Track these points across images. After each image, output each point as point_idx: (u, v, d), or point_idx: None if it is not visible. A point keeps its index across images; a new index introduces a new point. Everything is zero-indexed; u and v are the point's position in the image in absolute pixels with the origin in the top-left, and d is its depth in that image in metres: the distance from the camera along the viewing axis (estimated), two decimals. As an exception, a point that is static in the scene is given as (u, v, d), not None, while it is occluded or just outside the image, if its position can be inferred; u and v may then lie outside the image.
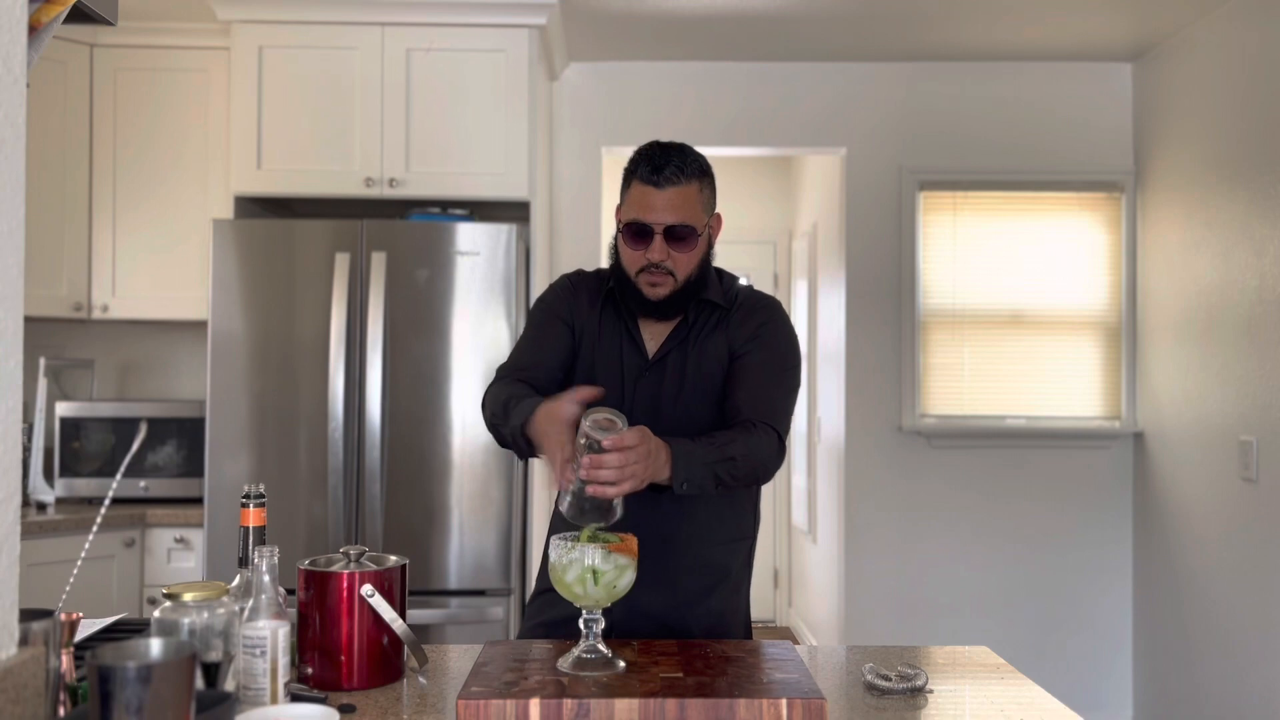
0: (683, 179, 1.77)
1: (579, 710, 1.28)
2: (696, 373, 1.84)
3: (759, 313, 1.89)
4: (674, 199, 1.77)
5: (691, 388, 1.83)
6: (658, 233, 1.76)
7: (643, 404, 1.82)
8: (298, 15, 3.35)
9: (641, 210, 1.77)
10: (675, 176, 1.77)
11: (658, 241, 1.76)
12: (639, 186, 1.78)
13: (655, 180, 1.77)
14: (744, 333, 1.85)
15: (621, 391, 1.84)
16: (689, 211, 1.78)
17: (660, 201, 1.76)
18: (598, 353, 1.88)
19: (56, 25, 1.26)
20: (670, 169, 1.77)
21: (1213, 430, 3.49)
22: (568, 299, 1.92)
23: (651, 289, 1.80)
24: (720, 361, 1.85)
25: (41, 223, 3.47)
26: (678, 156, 1.79)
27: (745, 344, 1.85)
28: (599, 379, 1.84)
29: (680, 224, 1.76)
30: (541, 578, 1.93)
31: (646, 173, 1.78)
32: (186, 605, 1.23)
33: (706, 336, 1.86)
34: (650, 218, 1.76)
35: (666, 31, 3.77)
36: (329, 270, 3.16)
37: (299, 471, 3.16)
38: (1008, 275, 4.11)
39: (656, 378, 1.85)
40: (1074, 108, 4.11)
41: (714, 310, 1.87)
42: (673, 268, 1.78)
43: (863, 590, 4.12)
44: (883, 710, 1.39)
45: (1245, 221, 3.33)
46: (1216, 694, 3.45)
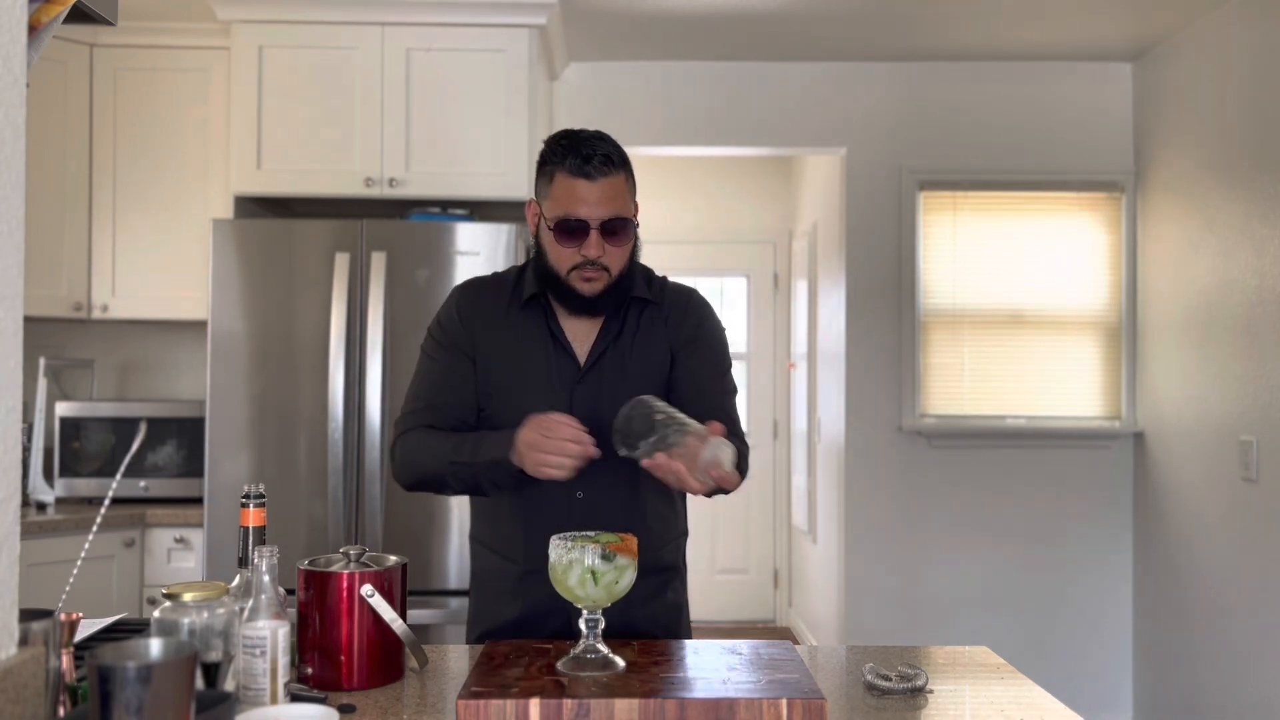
0: (612, 169, 1.69)
1: (579, 710, 1.28)
2: (637, 374, 1.77)
3: (693, 310, 1.84)
4: (606, 190, 1.68)
5: (628, 389, 1.70)
6: (594, 228, 1.68)
7: (583, 412, 1.68)
8: (298, 15, 3.35)
9: (572, 204, 1.68)
10: (605, 166, 1.69)
11: (593, 237, 1.68)
12: (566, 179, 1.69)
13: (585, 171, 1.67)
14: (684, 333, 1.80)
15: (556, 402, 1.73)
16: (621, 202, 1.71)
17: (594, 194, 1.68)
18: (519, 366, 1.77)
19: (56, 25, 1.26)
20: (598, 159, 1.68)
21: (1213, 430, 3.49)
22: (461, 323, 1.80)
23: (587, 284, 1.71)
24: (660, 363, 1.79)
25: (41, 223, 3.47)
26: (602, 144, 1.70)
27: (686, 345, 1.80)
28: (527, 393, 1.74)
29: (615, 216, 1.70)
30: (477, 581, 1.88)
31: (576, 164, 1.68)
32: (186, 605, 1.23)
33: (640, 335, 1.79)
34: (584, 212, 1.67)
35: (666, 31, 3.77)
36: (329, 270, 3.16)
37: (299, 471, 3.16)
38: (1008, 275, 4.11)
39: (594, 384, 1.76)
40: (1074, 108, 4.11)
41: (643, 306, 1.80)
42: (607, 263, 1.70)
43: (863, 590, 4.12)
44: (883, 710, 1.39)
45: (1245, 221, 3.33)
46: (1216, 694, 3.45)
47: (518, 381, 1.77)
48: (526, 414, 1.66)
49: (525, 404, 1.71)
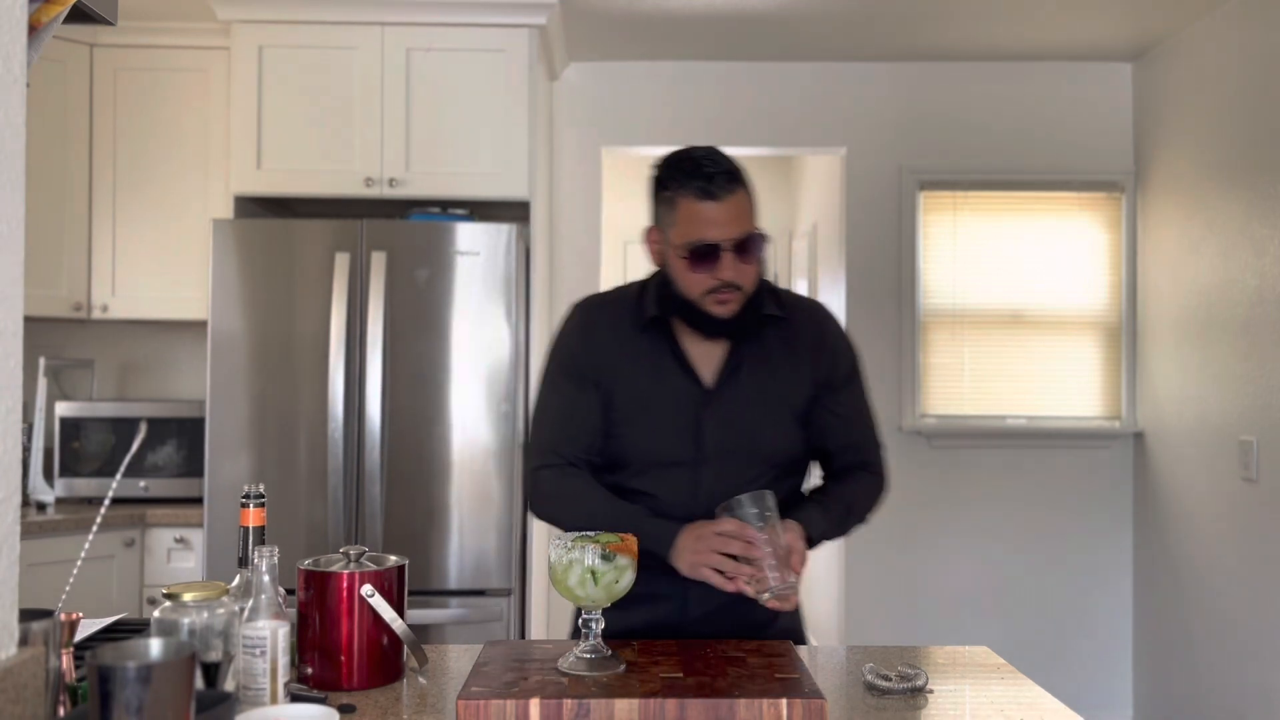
0: (737, 185, 1.63)
1: (579, 710, 1.28)
2: (767, 395, 1.71)
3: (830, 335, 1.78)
4: (734, 210, 1.61)
5: (763, 412, 1.70)
6: (726, 250, 1.61)
7: (713, 437, 1.68)
8: (298, 15, 3.35)
9: (702, 229, 1.61)
10: (729, 184, 1.62)
11: (727, 259, 1.61)
12: (690, 203, 1.62)
13: (710, 192, 1.61)
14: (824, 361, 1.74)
15: (682, 428, 1.70)
16: (749, 219, 1.64)
17: (722, 215, 1.61)
18: (644, 391, 1.71)
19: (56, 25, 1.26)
20: (721, 177, 1.61)
21: (1213, 430, 3.49)
22: (584, 348, 1.75)
23: (721, 307, 1.64)
24: (790, 382, 1.72)
25: (41, 223, 3.47)
26: (722, 161, 1.64)
27: (832, 377, 1.74)
28: (653, 420, 1.70)
29: (747, 235, 1.62)
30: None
31: (701, 186, 1.61)
32: (186, 605, 1.23)
33: (768, 354, 1.73)
34: (713, 235, 1.61)
35: (666, 31, 3.77)
36: (329, 270, 3.16)
37: (299, 471, 3.16)
38: (1008, 275, 4.11)
39: (723, 406, 1.70)
40: (1074, 108, 4.11)
41: (771, 324, 1.73)
42: (741, 282, 1.63)
43: (863, 590, 4.12)
44: (883, 710, 1.39)
45: (1245, 221, 3.33)
46: (1216, 693, 3.45)
47: (643, 407, 1.71)
48: (652, 441, 1.69)
49: (651, 431, 1.70)
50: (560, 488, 1.72)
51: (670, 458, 1.71)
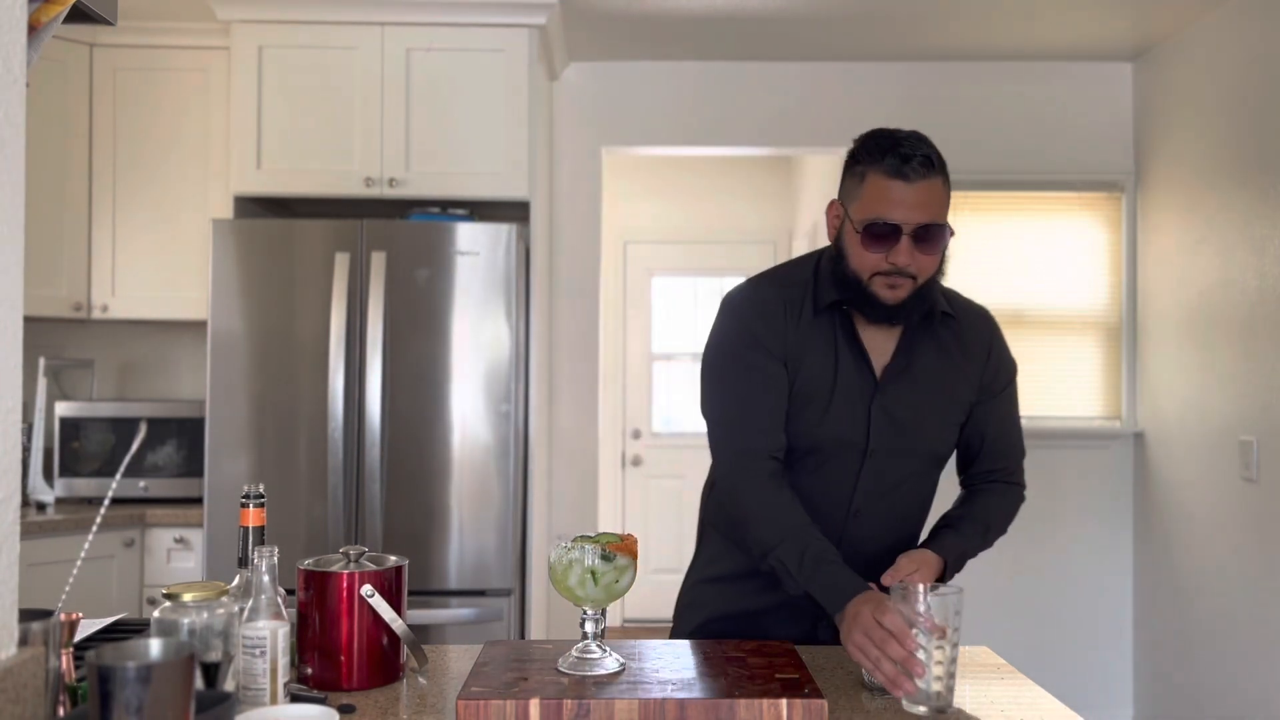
0: (932, 172, 1.56)
1: (579, 710, 1.28)
2: (934, 392, 1.69)
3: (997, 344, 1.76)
4: (925, 194, 1.55)
5: (929, 407, 1.69)
6: (906, 233, 1.56)
7: (881, 427, 1.67)
8: (298, 15, 3.35)
9: (886, 207, 1.55)
10: (925, 169, 1.56)
11: (904, 243, 1.56)
12: (880, 180, 1.56)
13: (903, 172, 1.55)
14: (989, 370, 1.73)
15: (854, 416, 1.67)
16: (939, 209, 1.58)
17: (911, 198, 1.55)
18: (820, 375, 1.66)
19: (56, 25, 1.26)
20: (918, 159, 1.55)
21: (1213, 430, 3.49)
22: (767, 328, 1.66)
23: (890, 292, 1.59)
24: (955, 384, 1.71)
25: (41, 223, 3.47)
26: (923, 145, 1.58)
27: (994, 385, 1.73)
28: (825, 406, 1.66)
29: (932, 223, 1.56)
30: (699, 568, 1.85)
31: (894, 164, 1.55)
32: (186, 605, 1.23)
33: (939, 350, 1.71)
34: (898, 216, 1.55)
35: (666, 31, 3.77)
36: (329, 270, 3.16)
37: (299, 471, 3.16)
38: (1008, 275, 4.11)
39: (891, 398, 1.68)
40: (1074, 108, 4.11)
41: (943, 321, 1.71)
42: (915, 271, 1.58)
43: (863, 590, 4.11)
44: (883, 710, 1.39)
45: (1245, 221, 3.33)
46: (1216, 694, 3.45)
47: (820, 393, 1.66)
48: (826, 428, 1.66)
49: (825, 417, 1.66)
50: (762, 503, 1.61)
51: (838, 445, 1.68)
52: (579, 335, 4.10)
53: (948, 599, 1.33)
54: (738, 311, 1.70)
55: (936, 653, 1.32)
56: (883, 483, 1.70)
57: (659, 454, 5.79)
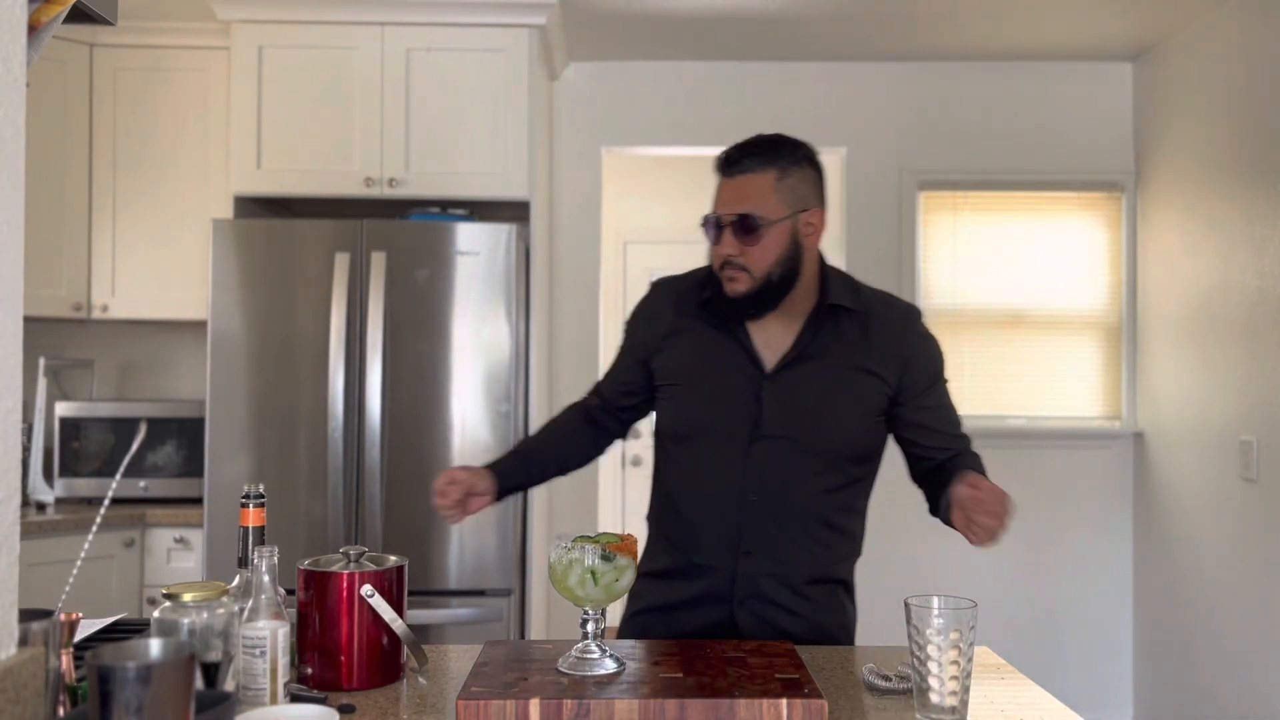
0: (755, 166, 1.67)
1: (579, 710, 1.28)
2: (833, 387, 1.72)
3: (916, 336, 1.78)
4: (740, 188, 1.67)
5: (826, 398, 1.72)
6: (725, 225, 1.68)
7: (768, 424, 1.71)
8: (298, 15, 3.35)
9: (715, 203, 1.71)
10: (745, 163, 1.67)
11: (726, 235, 1.68)
12: (719, 183, 1.72)
13: (725, 170, 1.70)
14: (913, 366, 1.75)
15: (741, 409, 1.72)
16: (756, 201, 1.66)
17: (728, 192, 1.69)
18: (700, 359, 1.76)
19: (56, 25, 1.26)
20: (740, 155, 1.68)
21: (1213, 430, 3.49)
22: (647, 315, 1.86)
23: (729, 284, 1.70)
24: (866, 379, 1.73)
25: (41, 223, 3.47)
26: (759, 145, 1.69)
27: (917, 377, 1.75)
28: (709, 392, 1.74)
29: (743, 214, 1.66)
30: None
31: (718, 163, 1.71)
32: (186, 605, 1.23)
33: (837, 345, 1.73)
34: (718, 209, 1.70)
35: (666, 31, 3.77)
36: (329, 270, 3.16)
37: (299, 471, 3.16)
38: (1008, 275, 4.11)
39: (782, 390, 1.72)
40: (1074, 108, 4.11)
41: (844, 316, 1.75)
42: (746, 263, 1.67)
43: (863, 590, 4.10)
44: (883, 710, 1.39)
45: (1245, 221, 3.33)
46: (1216, 694, 3.45)
47: (697, 380, 1.77)
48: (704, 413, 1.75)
49: (710, 411, 1.74)
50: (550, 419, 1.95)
51: (721, 429, 1.74)
52: (579, 335, 4.10)
53: (961, 612, 1.33)
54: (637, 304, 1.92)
55: (951, 666, 1.32)
56: (777, 473, 1.72)
57: (659, 454, 5.78)
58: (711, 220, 1.71)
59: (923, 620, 1.32)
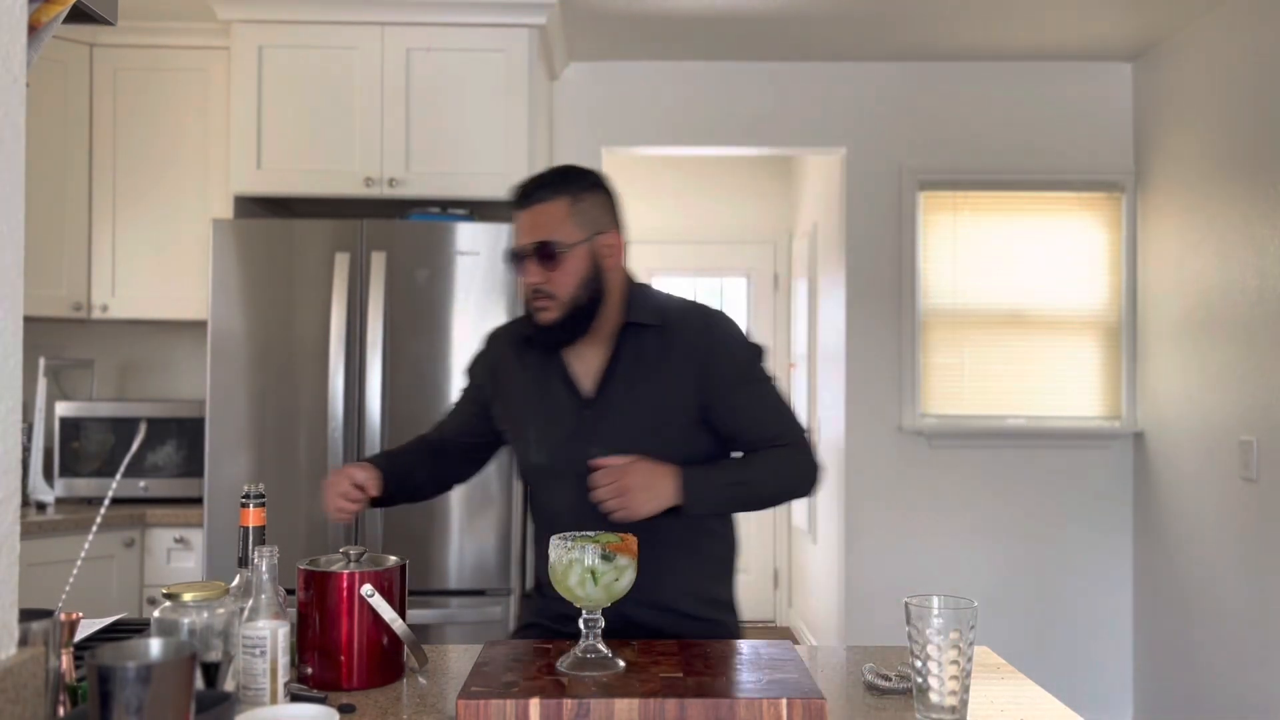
0: (548, 195, 1.75)
1: (579, 710, 1.28)
2: (647, 403, 1.76)
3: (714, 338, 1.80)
4: (536, 217, 1.74)
5: (644, 421, 1.75)
6: (528, 254, 1.74)
7: (591, 443, 1.74)
8: (298, 15, 3.35)
9: (516, 234, 1.77)
10: (538, 193, 1.76)
11: (529, 264, 1.74)
12: (517, 216, 1.78)
13: (521, 202, 1.77)
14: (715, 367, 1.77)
15: (566, 437, 1.78)
16: (552, 228, 1.72)
17: (527, 221, 1.75)
18: (526, 400, 1.84)
19: (56, 25, 1.26)
20: (531, 185, 1.77)
21: (1213, 430, 3.49)
22: (483, 360, 1.95)
23: (540, 314, 1.75)
24: (675, 390, 1.76)
25: (41, 223, 3.47)
26: (550, 175, 1.78)
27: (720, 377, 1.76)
28: (533, 427, 1.82)
29: (542, 241, 1.72)
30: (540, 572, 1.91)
31: (515, 198, 1.78)
32: (186, 605, 1.23)
33: (646, 361, 1.78)
34: (520, 240, 1.76)
35: (666, 31, 3.77)
36: (329, 270, 3.16)
37: (299, 471, 3.16)
38: (1008, 275, 4.11)
39: (600, 414, 1.77)
40: (1074, 108, 4.11)
41: (646, 332, 1.79)
42: (553, 290, 1.73)
43: (863, 590, 4.12)
44: (883, 710, 1.39)
45: (1245, 221, 3.33)
46: (1217, 694, 3.45)
47: (528, 421, 1.84)
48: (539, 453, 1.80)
49: (537, 443, 1.81)
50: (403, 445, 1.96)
51: (557, 467, 1.79)
52: (579, 335, 4.10)
53: (961, 612, 1.33)
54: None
55: (951, 666, 1.32)
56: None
57: (659, 454, 5.79)
58: (513, 253, 1.77)
59: (923, 620, 1.32)
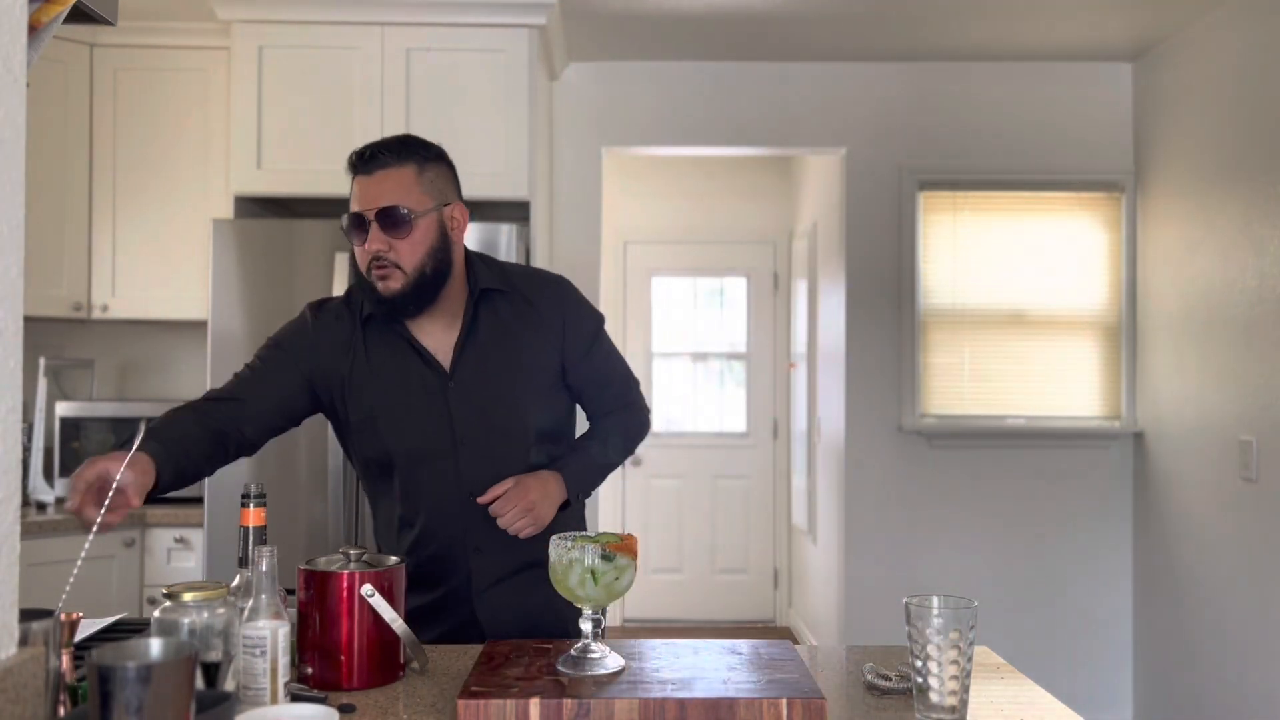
0: (394, 162, 1.69)
1: (579, 710, 1.28)
2: (509, 369, 1.76)
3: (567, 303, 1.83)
4: (383, 183, 1.68)
5: (509, 387, 1.76)
6: (371, 219, 1.67)
7: (464, 422, 1.74)
8: (298, 15, 3.35)
9: (355, 202, 1.70)
10: (383, 159, 1.69)
11: (373, 230, 1.67)
12: (355, 183, 1.71)
13: (364, 168, 1.70)
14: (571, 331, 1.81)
15: (434, 413, 1.74)
16: (401, 195, 1.68)
17: (371, 188, 1.69)
18: (378, 384, 1.75)
19: (56, 25, 1.26)
20: (373, 152, 1.70)
21: (1213, 430, 3.49)
22: (308, 339, 1.78)
23: (382, 283, 1.69)
24: (536, 353, 1.78)
25: (41, 223, 3.47)
26: (391, 142, 1.72)
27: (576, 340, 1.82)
28: (393, 409, 1.74)
29: (390, 207, 1.67)
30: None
31: (356, 163, 1.71)
32: (186, 605, 1.23)
33: (500, 326, 1.78)
34: (362, 206, 1.69)
35: (666, 31, 3.77)
36: (329, 270, 3.16)
37: (299, 471, 3.16)
38: (1008, 275, 4.11)
39: (468, 390, 1.75)
40: (1074, 108, 4.11)
41: (497, 299, 1.79)
42: (396, 259, 1.68)
43: (863, 590, 4.12)
44: (883, 710, 1.39)
45: (1245, 221, 3.33)
46: (1216, 694, 3.45)
47: (392, 404, 1.75)
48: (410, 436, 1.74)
49: (406, 425, 1.75)
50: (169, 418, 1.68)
51: (429, 448, 1.75)
52: (579, 335, 4.10)
53: (961, 611, 1.33)
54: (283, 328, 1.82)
55: (950, 666, 1.32)
56: (491, 474, 1.72)
57: (659, 454, 5.79)
58: (354, 219, 1.69)
59: (923, 620, 1.32)
